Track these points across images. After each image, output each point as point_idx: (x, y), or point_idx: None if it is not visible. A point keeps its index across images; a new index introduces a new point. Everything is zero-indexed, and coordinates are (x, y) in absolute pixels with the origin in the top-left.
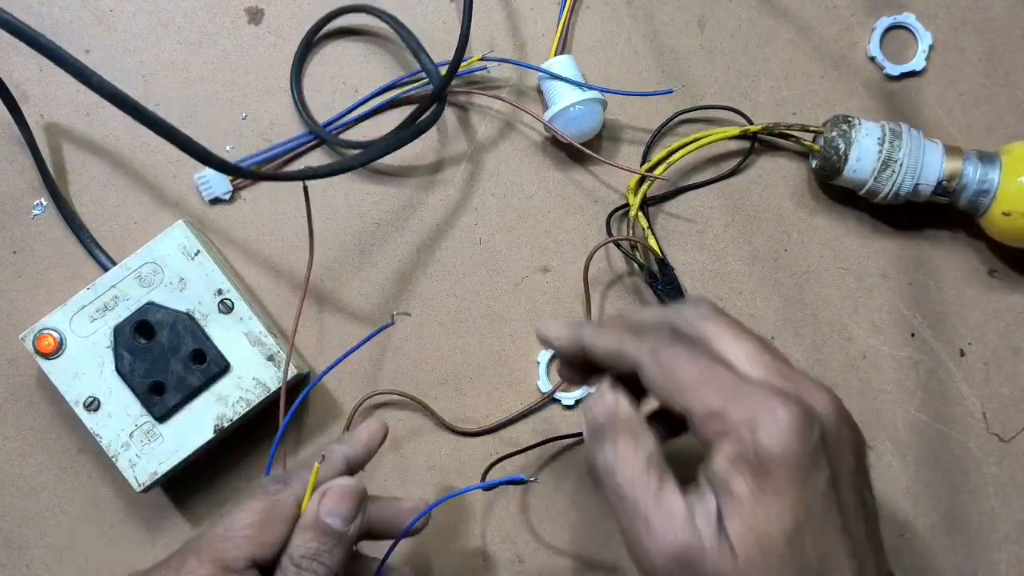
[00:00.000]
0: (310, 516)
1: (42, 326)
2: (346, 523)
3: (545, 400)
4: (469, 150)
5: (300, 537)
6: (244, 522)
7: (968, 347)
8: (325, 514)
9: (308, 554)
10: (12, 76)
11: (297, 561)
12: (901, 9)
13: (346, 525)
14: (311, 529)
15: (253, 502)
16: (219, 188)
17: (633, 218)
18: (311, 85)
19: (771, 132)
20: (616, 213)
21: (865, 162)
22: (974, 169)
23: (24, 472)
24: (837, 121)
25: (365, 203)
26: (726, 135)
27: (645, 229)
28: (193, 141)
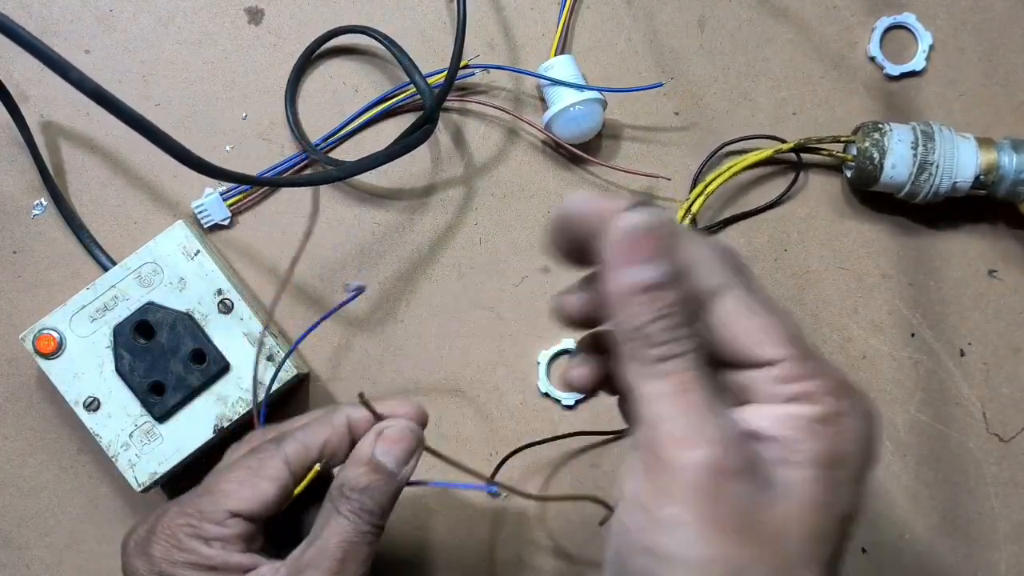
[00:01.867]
0: (364, 452)
1: (42, 326)
2: (399, 465)
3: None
4: (469, 151)
5: (352, 470)
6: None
7: (968, 347)
8: (380, 452)
9: (358, 487)
10: (12, 76)
11: (347, 492)
12: (901, 9)
13: (399, 467)
14: (364, 464)
15: (242, 460)
16: (218, 215)
17: None
18: (307, 101)
19: (803, 148)
20: None
21: (901, 169)
22: (1009, 159)
23: (24, 472)
24: (868, 130)
25: (365, 204)
26: (758, 158)
27: None
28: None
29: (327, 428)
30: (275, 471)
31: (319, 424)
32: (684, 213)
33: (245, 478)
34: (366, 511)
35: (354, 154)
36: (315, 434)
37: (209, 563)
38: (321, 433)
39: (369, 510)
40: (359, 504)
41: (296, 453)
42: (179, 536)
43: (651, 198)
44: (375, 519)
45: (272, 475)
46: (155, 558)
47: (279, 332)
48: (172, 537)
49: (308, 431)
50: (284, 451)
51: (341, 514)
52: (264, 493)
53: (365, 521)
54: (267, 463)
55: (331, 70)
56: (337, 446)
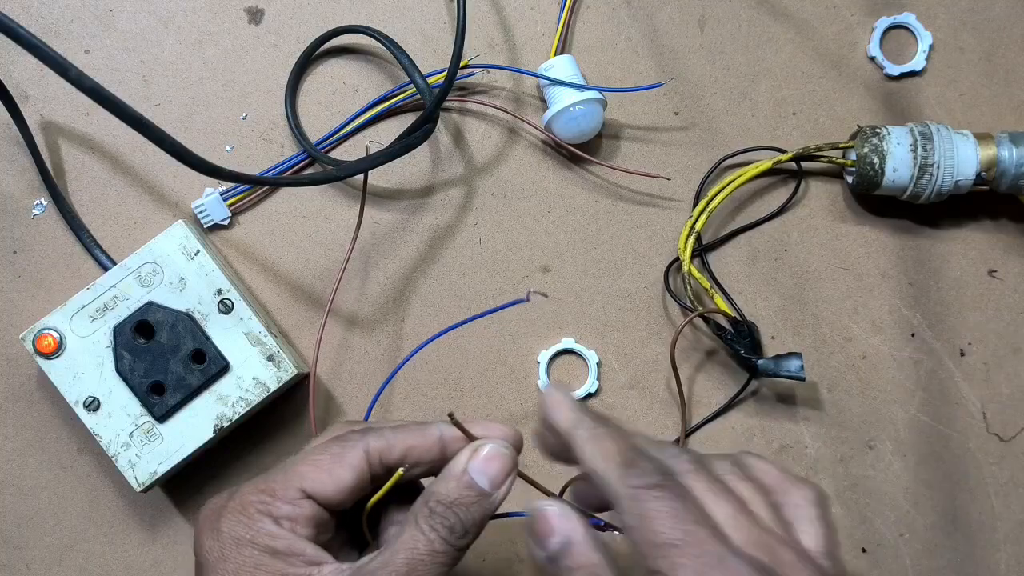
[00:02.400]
0: (458, 467)
1: (42, 326)
2: (493, 485)
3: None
4: (469, 151)
5: (442, 485)
6: (306, 460)
7: (968, 347)
8: (474, 469)
9: (445, 501)
10: (12, 76)
11: (432, 505)
12: (901, 9)
13: (493, 487)
14: (455, 479)
15: (325, 446)
16: (218, 215)
17: (687, 273)
18: (307, 101)
19: (802, 157)
20: (672, 266)
21: (902, 172)
22: (1009, 152)
23: (24, 472)
24: (866, 135)
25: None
26: (759, 170)
27: (709, 289)
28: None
29: (417, 435)
30: (355, 460)
31: (409, 430)
32: (689, 231)
33: (323, 462)
34: (447, 527)
35: (354, 154)
36: (402, 437)
37: (274, 544)
38: (409, 438)
39: (450, 527)
40: (441, 519)
41: (378, 448)
42: (250, 511)
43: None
44: (455, 538)
45: (351, 463)
46: (223, 533)
47: (279, 332)
48: (243, 511)
49: (397, 432)
50: (367, 442)
51: (418, 527)
52: (340, 479)
53: (442, 538)
54: (348, 451)
55: (331, 70)
56: (423, 455)
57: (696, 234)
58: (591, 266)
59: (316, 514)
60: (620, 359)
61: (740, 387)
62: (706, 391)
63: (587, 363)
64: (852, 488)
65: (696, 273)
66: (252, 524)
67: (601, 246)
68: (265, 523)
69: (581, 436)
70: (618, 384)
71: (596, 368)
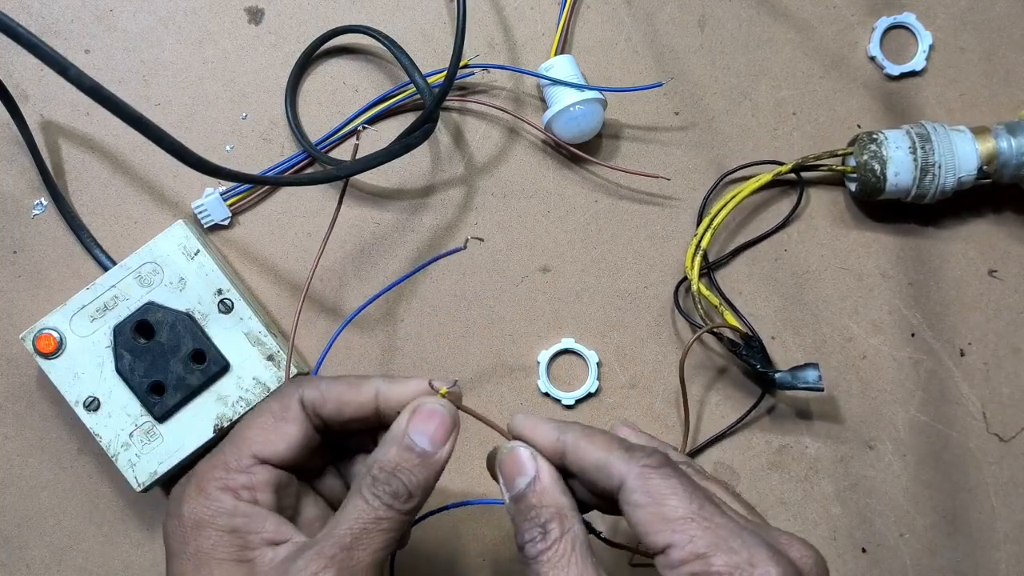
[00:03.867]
0: (397, 431)
1: (42, 326)
2: (434, 446)
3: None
4: (469, 151)
5: (382, 450)
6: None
7: (968, 347)
8: (413, 431)
9: (387, 468)
10: (12, 76)
11: (375, 473)
12: (901, 9)
13: (434, 448)
14: (395, 443)
15: (264, 405)
16: (218, 215)
17: (696, 293)
18: (307, 101)
19: (802, 167)
20: (681, 285)
21: (904, 175)
22: (1008, 144)
23: (24, 472)
24: (863, 142)
25: (365, 204)
26: (759, 184)
27: (718, 306)
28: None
29: (352, 389)
30: (295, 413)
31: (344, 382)
32: (695, 249)
33: (267, 423)
34: (390, 493)
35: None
36: (337, 389)
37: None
38: (343, 391)
39: (394, 492)
40: (384, 486)
41: (312, 399)
42: (208, 490)
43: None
44: (400, 503)
45: (293, 417)
46: (184, 518)
47: (279, 332)
48: (201, 492)
49: (331, 384)
50: (302, 392)
51: (361, 495)
52: (289, 436)
53: (387, 504)
54: (288, 405)
55: (331, 70)
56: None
57: (703, 252)
58: (591, 266)
59: (273, 478)
60: (620, 359)
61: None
62: (711, 404)
63: (587, 363)
64: (852, 488)
65: (705, 291)
66: (210, 503)
67: (601, 246)
68: (224, 500)
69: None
70: (618, 384)
71: (596, 368)
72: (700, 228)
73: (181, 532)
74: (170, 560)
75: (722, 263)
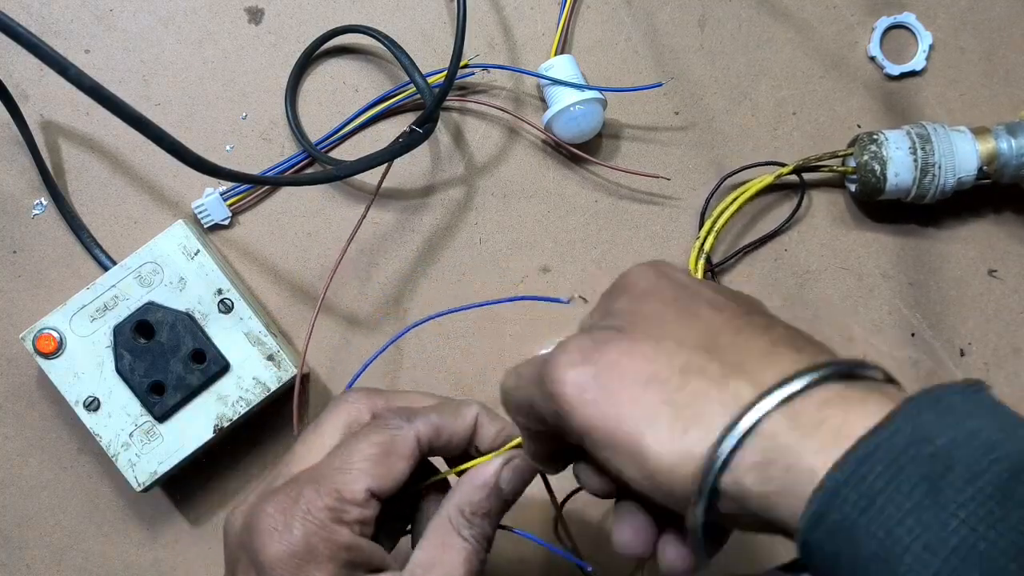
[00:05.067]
0: (490, 476)
1: (42, 326)
2: (514, 495)
3: None
4: (469, 151)
5: (477, 494)
6: (362, 454)
7: (968, 347)
8: (505, 481)
9: (480, 512)
10: (12, 76)
11: (469, 517)
12: (901, 9)
13: (513, 497)
14: (486, 488)
15: (373, 435)
16: (218, 215)
17: None
18: (307, 101)
19: (803, 169)
20: None
21: (904, 176)
22: (1008, 144)
23: (24, 472)
24: (864, 142)
25: (365, 204)
26: (761, 186)
27: None
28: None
29: (459, 420)
30: (408, 450)
31: (450, 413)
32: (698, 252)
33: (379, 456)
34: (485, 537)
35: (354, 154)
36: (447, 423)
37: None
38: (453, 424)
39: (488, 537)
40: (480, 530)
41: (427, 435)
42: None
43: None
44: (489, 546)
45: (405, 454)
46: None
47: (279, 332)
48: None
49: (441, 416)
50: (417, 429)
51: (465, 538)
52: (399, 473)
53: (484, 549)
54: (399, 440)
55: (331, 70)
56: (460, 442)
57: (706, 255)
58: (591, 266)
59: (377, 512)
60: None
61: None
62: None
63: None
64: None
65: None
66: (330, 535)
67: (601, 246)
68: (342, 532)
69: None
70: None
71: None
72: (703, 231)
73: (293, 560)
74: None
75: (724, 267)
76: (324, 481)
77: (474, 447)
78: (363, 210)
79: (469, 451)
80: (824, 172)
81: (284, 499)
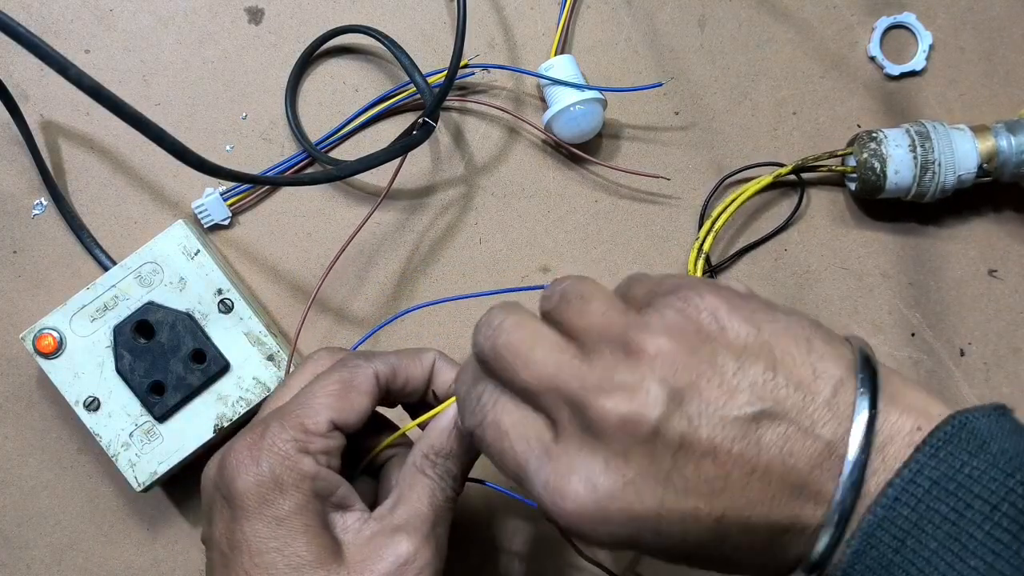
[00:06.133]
0: (449, 420)
1: (42, 326)
2: None
3: None
4: (469, 151)
5: (438, 436)
6: (324, 390)
7: (968, 347)
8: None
9: (443, 451)
10: (12, 76)
11: (432, 457)
12: (901, 9)
13: None
14: (447, 431)
15: (334, 373)
16: (218, 214)
17: None
18: (307, 101)
19: (802, 169)
20: None
21: (904, 173)
22: (1008, 142)
23: (24, 472)
24: (863, 140)
25: (365, 204)
26: (760, 186)
27: None
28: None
29: (416, 363)
30: (369, 386)
31: (408, 357)
32: (697, 252)
33: (340, 391)
34: (450, 475)
35: (354, 154)
36: (404, 363)
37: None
38: (410, 366)
39: (453, 476)
40: (444, 469)
41: (385, 374)
42: (287, 449)
43: None
44: (457, 485)
45: (366, 390)
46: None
47: (279, 332)
48: (279, 450)
49: (399, 358)
50: (375, 367)
51: (429, 476)
52: (361, 407)
53: (450, 486)
54: (359, 376)
55: (331, 70)
56: (418, 385)
57: (705, 255)
58: (591, 266)
59: (341, 444)
60: None
61: None
62: None
63: None
64: None
65: None
66: (294, 464)
67: (601, 246)
68: (305, 462)
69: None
70: None
71: None
72: (702, 231)
73: (259, 490)
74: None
75: (724, 266)
76: (288, 416)
77: (432, 392)
78: (364, 210)
79: (427, 398)
80: (823, 171)
81: (251, 437)
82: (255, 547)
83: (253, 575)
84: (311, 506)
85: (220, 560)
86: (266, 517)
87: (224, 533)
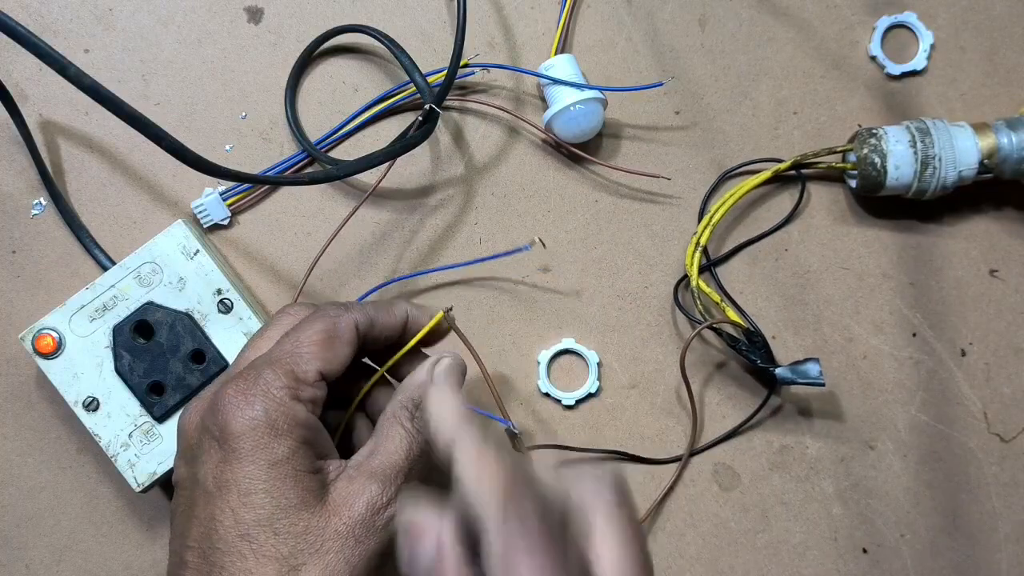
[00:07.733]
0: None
1: (41, 326)
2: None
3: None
4: (469, 151)
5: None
6: (310, 340)
7: (969, 347)
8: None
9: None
10: (11, 75)
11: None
12: (902, 8)
13: None
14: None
15: (317, 323)
16: (217, 214)
17: (696, 288)
18: (307, 101)
19: (801, 165)
20: (681, 283)
21: (904, 169)
22: (1008, 139)
23: (24, 472)
24: (863, 136)
25: (365, 204)
26: (758, 181)
27: (719, 303)
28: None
29: (389, 314)
30: (350, 336)
31: (382, 308)
32: (695, 247)
33: (326, 340)
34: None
35: (354, 154)
36: (380, 315)
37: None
38: (385, 316)
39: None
40: (421, 421)
41: (363, 324)
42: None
43: None
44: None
45: (348, 340)
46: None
47: None
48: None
49: (376, 309)
50: (355, 317)
51: (406, 428)
52: (344, 357)
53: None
54: (341, 326)
55: (331, 69)
56: (392, 334)
57: (702, 249)
58: (591, 266)
59: (326, 395)
60: (620, 359)
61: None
62: (714, 402)
63: (587, 363)
64: (853, 488)
65: (705, 288)
66: (289, 410)
67: (601, 246)
68: (298, 409)
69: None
70: (619, 384)
71: (596, 368)
72: (700, 225)
73: (254, 433)
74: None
75: (723, 261)
76: (280, 363)
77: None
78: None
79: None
80: (823, 168)
81: (244, 381)
82: (244, 487)
83: (240, 514)
84: (301, 451)
85: (203, 498)
86: (259, 460)
87: (212, 472)
